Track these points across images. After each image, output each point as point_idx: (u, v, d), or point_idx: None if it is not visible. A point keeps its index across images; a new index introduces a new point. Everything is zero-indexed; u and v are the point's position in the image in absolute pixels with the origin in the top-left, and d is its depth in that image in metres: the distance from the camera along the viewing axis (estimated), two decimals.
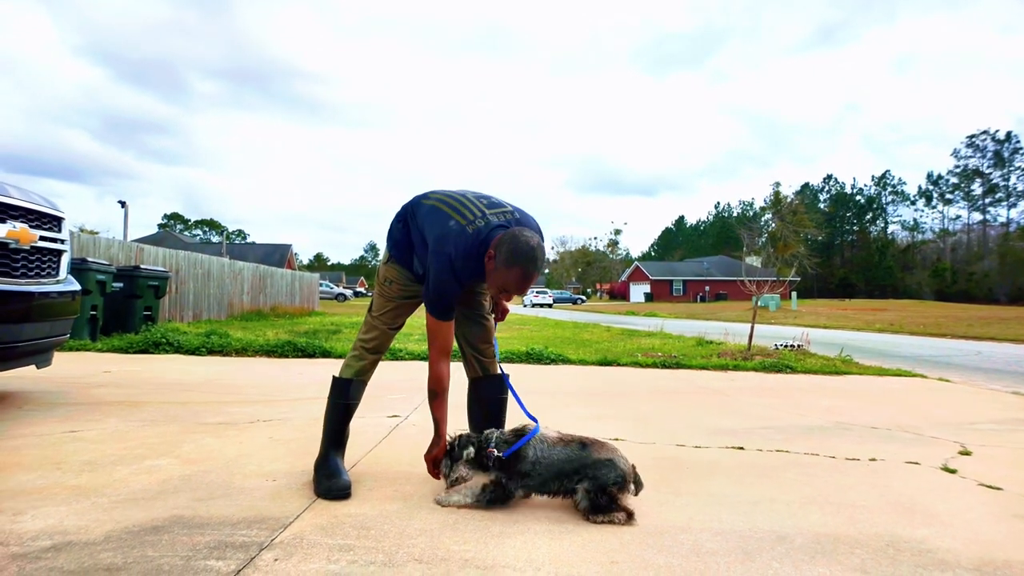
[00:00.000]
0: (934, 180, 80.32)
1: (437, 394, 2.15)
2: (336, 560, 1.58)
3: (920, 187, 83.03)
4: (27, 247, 3.24)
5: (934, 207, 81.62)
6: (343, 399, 2.27)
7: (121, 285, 8.05)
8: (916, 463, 2.75)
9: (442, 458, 2.16)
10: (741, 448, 2.95)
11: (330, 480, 2.12)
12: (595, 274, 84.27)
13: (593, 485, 1.93)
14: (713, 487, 2.32)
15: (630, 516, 1.91)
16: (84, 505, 1.92)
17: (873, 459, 2.80)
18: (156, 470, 2.32)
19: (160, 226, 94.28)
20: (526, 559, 1.62)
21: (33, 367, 3.60)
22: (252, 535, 1.72)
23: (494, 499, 1.97)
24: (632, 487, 1.98)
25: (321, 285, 30.10)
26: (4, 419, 3.14)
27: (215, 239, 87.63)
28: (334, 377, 2.32)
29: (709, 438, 3.14)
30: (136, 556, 1.56)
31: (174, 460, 2.46)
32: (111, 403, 3.64)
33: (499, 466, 2.00)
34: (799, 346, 8.20)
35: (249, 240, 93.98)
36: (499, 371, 2.41)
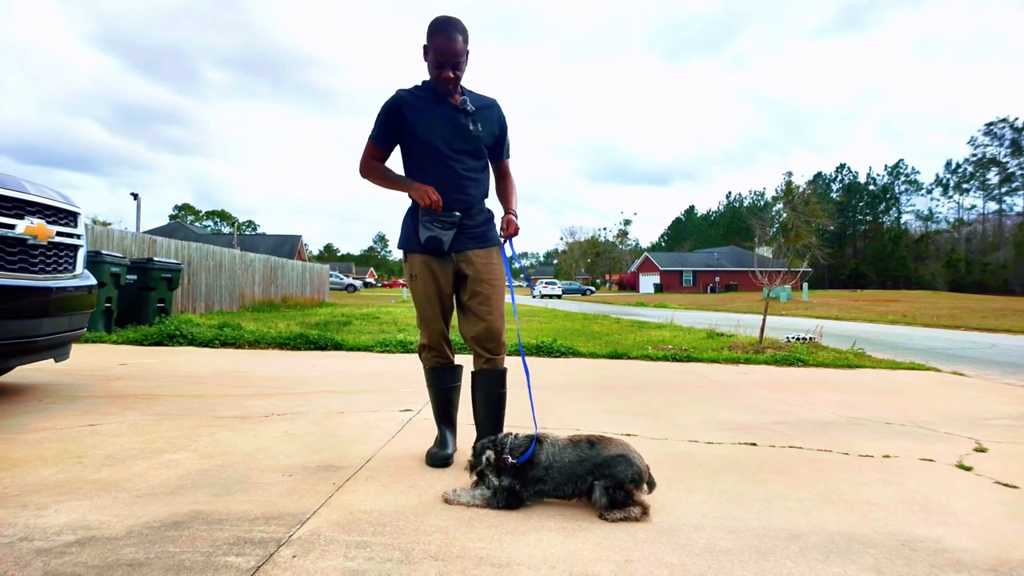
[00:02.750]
0: (952, 169, 79.10)
1: (372, 169, 2.46)
2: (353, 557, 1.60)
3: (937, 175, 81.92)
4: (44, 243, 3.28)
5: (950, 197, 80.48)
6: (434, 385, 2.59)
7: (135, 277, 8.14)
8: (931, 460, 2.73)
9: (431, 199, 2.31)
10: (754, 444, 2.94)
11: (433, 448, 2.52)
12: (604, 265, 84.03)
13: (612, 482, 1.93)
14: (726, 484, 2.32)
15: (645, 511, 1.93)
16: (105, 500, 1.96)
17: (887, 456, 2.79)
18: (174, 464, 2.35)
19: (171, 217, 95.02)
20: (540, 557, 1.64)
21: (52, 361, 3.65)
22: (270, 531, 1.74)
23: (505, 505, 1.98)
24: (646, 486, 1.99)
25: (331, 276, 30.22)
26: (26, 412, 3.19)
27: (226, 230, 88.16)
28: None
29: (721, 433, 3.14)
30: (158, 552, 1.59)
31: (191, 454, 2.50)
32: (128, 396, 3.69)
33: (514, 473, 2.01)
34: (811, 339, 8.16)
35: (260, 231, 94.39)
36: (502, 367, 2.50)
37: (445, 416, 2.58)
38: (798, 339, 8.17)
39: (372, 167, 2.46)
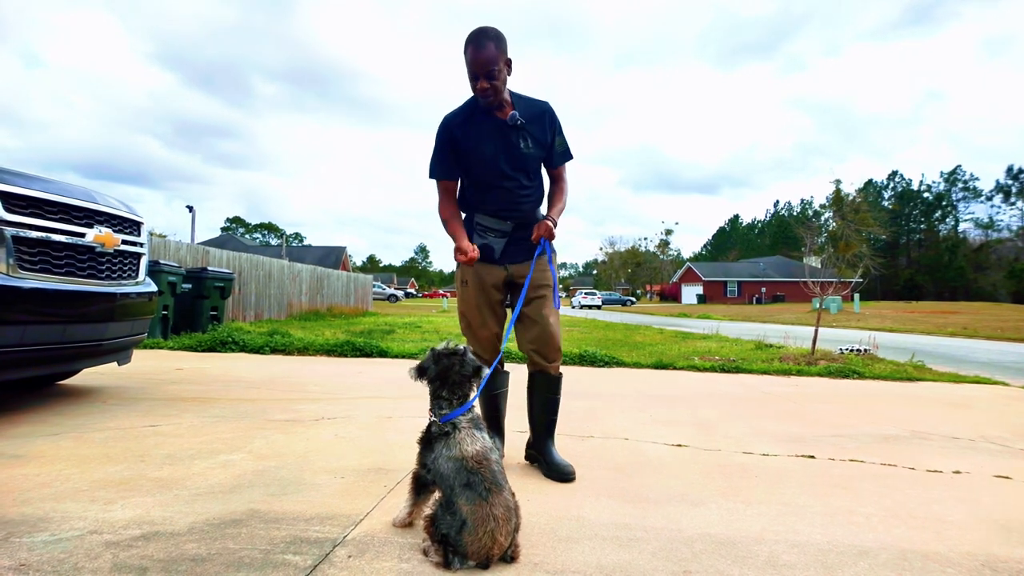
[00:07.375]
0: (1014, 174, 74.98)
1: (447, 216, 2.43)
2: (407, 559, 1.59)
3: (997, 181, 77.62)
4: (111, 251, 3.44)
5: (1012, 203, 76.28)
6: (482, 391, 2.40)
7: (190, 286, 8.45)
8: (1007, 477, 2.57)
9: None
10: (812, 457, 2.83)
11: None
12: (645, 275, 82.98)
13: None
14: (785, 496, 2.23)
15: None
16: (167, 497, 2.01)
17: (957, 472, 2.64)
18: (231, 465, 2.41)
19: (223, 229, 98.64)
20: (596, 565, 1.60)
21: (115, 364, 3.81)
22: (325, 531, 1.76)
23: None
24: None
25: (374, 286, 30.76)
26: (92, 413, 3.33)
27: (274, 242, 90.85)
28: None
29: (777, 445, 3.04)
30: (218, 548, 1.62)
31: (247, 455, 2.55)
32: (185, 399, 3.81)
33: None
34: (866, 350, 7.84)
35: (306, 243, 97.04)
36: (557, 373, 2.49)
37: (493, 421, 2.55)
38: (852, 351, 7.87)
39: (446, 211, 2.43)
